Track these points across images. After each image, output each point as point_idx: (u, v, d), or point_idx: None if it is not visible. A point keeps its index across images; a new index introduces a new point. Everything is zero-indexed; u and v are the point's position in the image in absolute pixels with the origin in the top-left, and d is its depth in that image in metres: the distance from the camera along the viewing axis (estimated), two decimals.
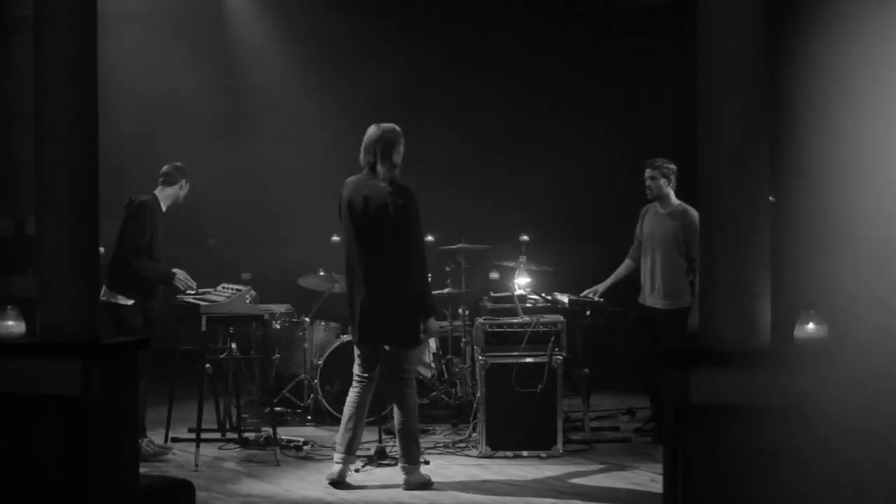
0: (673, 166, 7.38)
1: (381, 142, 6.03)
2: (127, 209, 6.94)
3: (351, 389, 6.21)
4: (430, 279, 6.39)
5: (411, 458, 6.09)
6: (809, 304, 4.32)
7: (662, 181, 7.36)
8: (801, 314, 4.29)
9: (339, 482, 6.06)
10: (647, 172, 7.40)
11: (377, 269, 6.01)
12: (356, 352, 6.24)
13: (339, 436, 6.15)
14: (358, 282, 6.06)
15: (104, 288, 6.77)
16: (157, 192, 7.08)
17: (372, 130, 6.09)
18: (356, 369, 6.23)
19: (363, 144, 6.09)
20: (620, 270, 7.65)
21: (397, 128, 6.11)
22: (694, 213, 7.23)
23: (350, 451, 6.12)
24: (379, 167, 6.02)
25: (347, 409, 6.15)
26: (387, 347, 6.08)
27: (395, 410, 6.12)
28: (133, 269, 6.80)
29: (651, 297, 7.33)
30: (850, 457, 3.90)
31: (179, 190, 7.13)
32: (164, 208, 7.07)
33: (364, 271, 6.02)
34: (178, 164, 7.18)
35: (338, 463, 6.10)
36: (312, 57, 10.71)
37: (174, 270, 6.97)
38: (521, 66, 10.82)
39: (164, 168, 7.14)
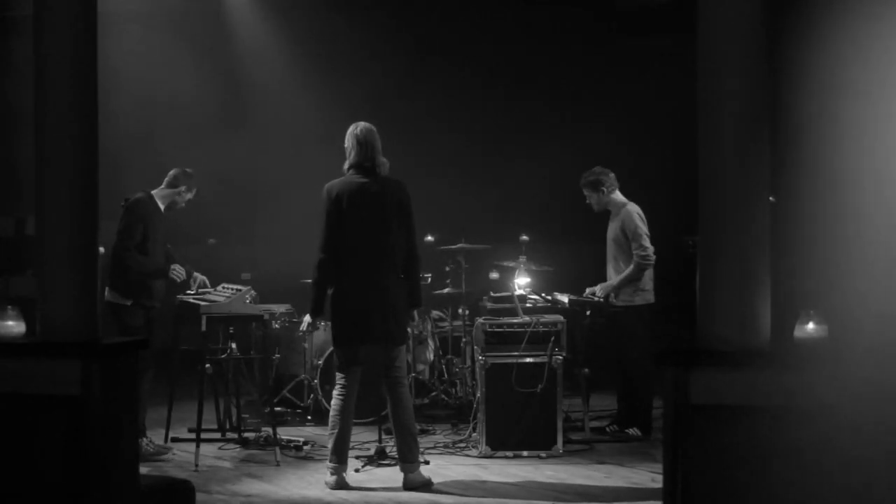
0: (604, 177, 7.47)
1: (373, 140, 6.07)
2: (122, 208, 6.95)
3: (335, 395, 6.12)
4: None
5: (411, 455, 6.08)
6: (809, 304, 4.32)
7: (596, 195, 7.51)
8: (801, 314, 4.28)
9: (338, 488, 6.04)
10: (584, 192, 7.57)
11: (386, 266, 6.01)
12: (338, 353, 6.16)
13: (329, 445, 6.09)
14: (356, 281, 6.02)
15: (107, 289, 6.78)
16: (155, 191, 7.08)
17: (362, 129, 6.09)
18: (340, 372, 6.15)
19: (356, 142, 6.06)
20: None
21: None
22: (631, 207, 7.36)
23: (343, 461, 6.09)
24: (379, 163, 6.05)
25: (334, 417, 6.08)
26: (381, 347, 6.05)
27: (391, 410, 6.11)
28: (128, 266, 6.80)
29: (611, 297, 7.48)
30: (852, 456, 3.89)
31: (178, 196, 7.10)
32: (161, 207, 7.07)
33: (370, 270, 5.99)
34: (187, 169, 7.17)
35: (333, 473, 6.07)
36: (312, 57, 10.72)
37: (173, 266, 6.96)
38: (521, 65, 10.83)
39: (172, 170, 7.15)
